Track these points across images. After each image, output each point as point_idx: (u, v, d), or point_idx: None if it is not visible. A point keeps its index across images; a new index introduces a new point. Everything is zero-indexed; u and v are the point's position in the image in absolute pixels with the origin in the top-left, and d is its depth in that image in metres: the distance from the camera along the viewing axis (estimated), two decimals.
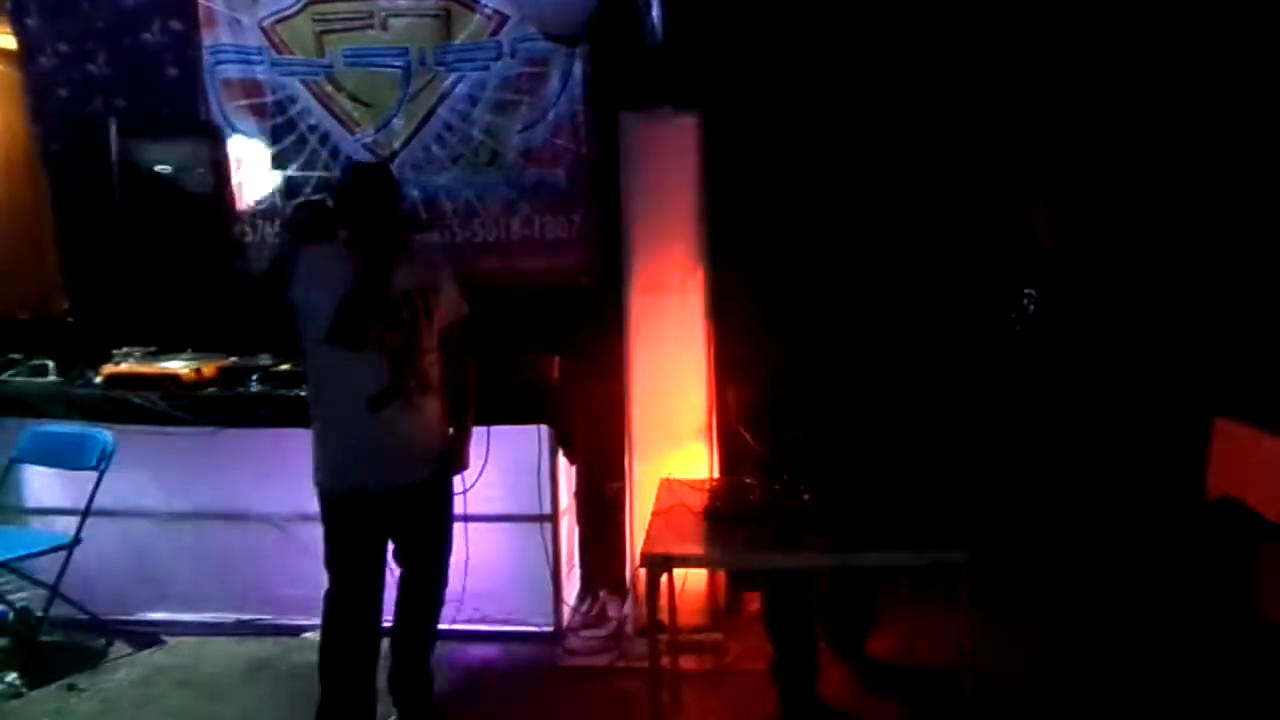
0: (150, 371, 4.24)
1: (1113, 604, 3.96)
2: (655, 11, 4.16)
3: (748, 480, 3.30)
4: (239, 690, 3.81)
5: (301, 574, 3.75)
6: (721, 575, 4.22)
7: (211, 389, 4.22)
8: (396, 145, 4.78)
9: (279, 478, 4.03)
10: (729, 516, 3.12)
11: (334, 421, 3.14)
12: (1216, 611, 3.82)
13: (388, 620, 3.34)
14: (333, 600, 3.17)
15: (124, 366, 4.28)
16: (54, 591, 3.97)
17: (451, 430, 3.35)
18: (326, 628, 3.20)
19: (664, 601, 3.37)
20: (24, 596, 4.13)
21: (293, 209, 4.77)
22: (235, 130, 4.88)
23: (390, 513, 3.17)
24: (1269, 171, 4.09)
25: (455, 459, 3.34)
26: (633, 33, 4.25)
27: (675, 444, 4.13)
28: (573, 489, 4.47)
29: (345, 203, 3.15)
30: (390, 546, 3.28)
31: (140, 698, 3.77)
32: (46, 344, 4.59)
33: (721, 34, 4.32)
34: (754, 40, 4.34)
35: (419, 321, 3.15)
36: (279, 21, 4.79)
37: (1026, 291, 4.12)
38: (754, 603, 4.20)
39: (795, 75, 4.32)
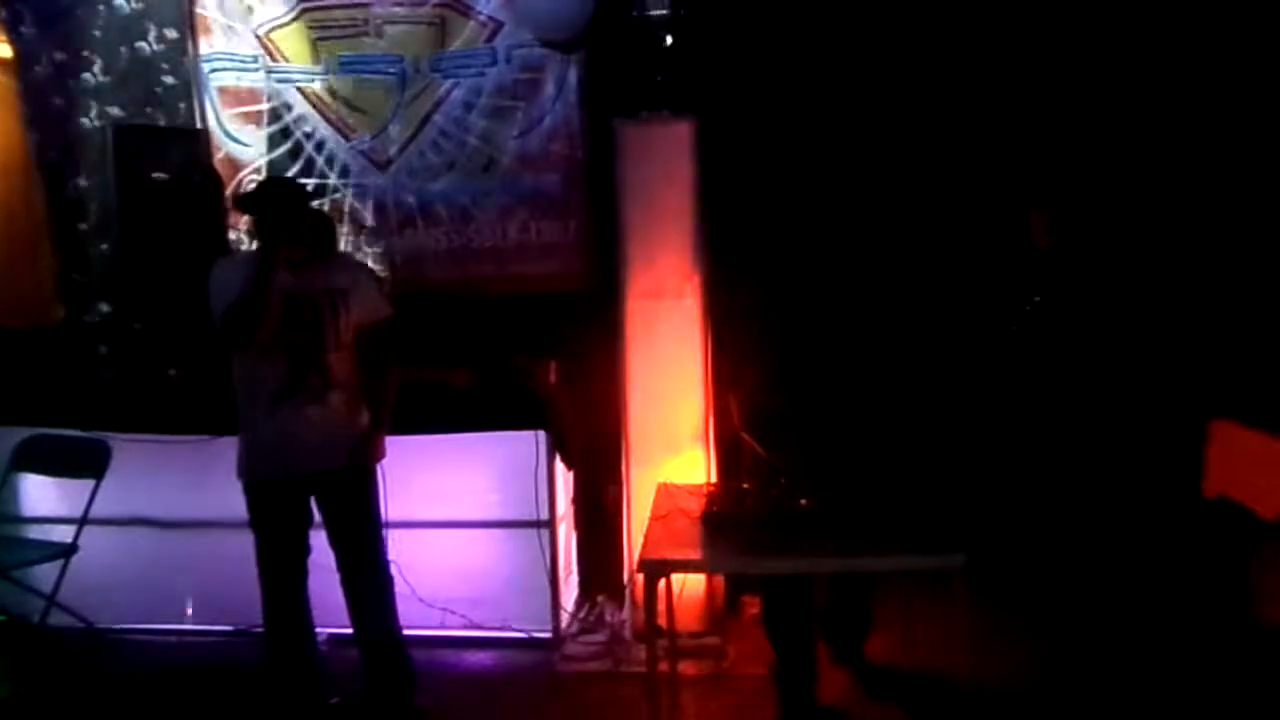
0: (150, 378, 4.24)
1: (1111, 605, 3.96)
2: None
3: (745, 485, 3.30)
4: (237, 698, 3.80)
5: None
6: (720, 579, 4.22)
7: (209, 396, 4.21)
8: (392, 152, 4.79)
9: None
10: (726, 521, 3.12)
11: (245, 415, 3.34)
12: (1214, 612, 3.82)
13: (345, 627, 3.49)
14: (259, 569, 3.38)
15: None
16: (51, 600, 3.96)
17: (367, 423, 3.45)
18: (264, 612, 3.41)
19: (662, 606, 3.36)
20: (21, 605, 4.12)
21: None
22: (231, 138, 4.88)
23: (305, 498, 3.39)
24: (1265, 173, 4.10)
25: (365, 449, 3.42)
26: (629, 38, 4.25)
27: (672, 449, 4.13)
28: (570, 494, 4.46)
29: (249, 214, 3.46)
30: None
31: (138, 706, 3.76)
32: (43, 351, 4.58)
33: (717, 40, 4.32)
34: (749, 45, 4.34)
35: (324, 321, 3.30)
36: (274, 29, 4.80)
37: (1031, 297, 4.13)
38: (753, 607, 4.20)
39: (791, 80, 4.33)
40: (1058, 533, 4.05)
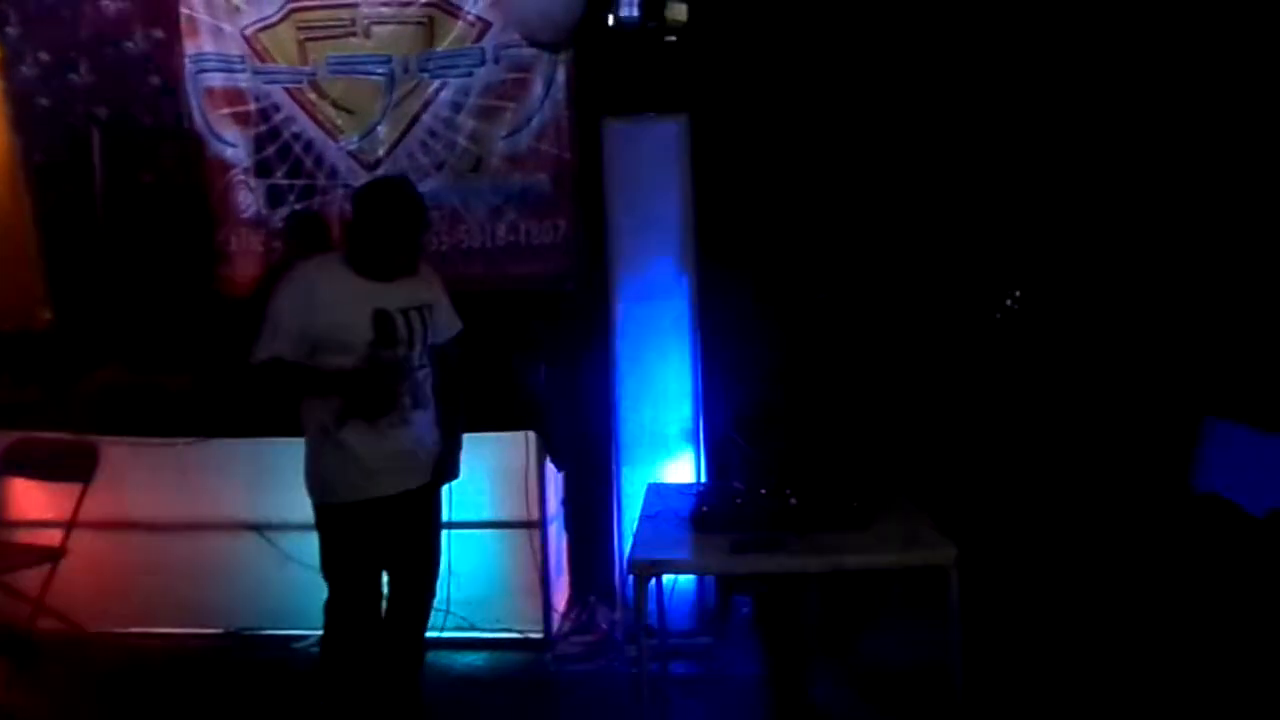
0: (137, 381, 4.22)
1: (1102, 601, 3.97)
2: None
3: (735, 485, 3.29)
4: (230, 701, 3.79)
5: (290, 583, 3.74)
6: (710, 580, 4.21)
7: (198, 399, 4.20)
8: (381, 152, 4.78)
9: (266, 487, 4.02)
10: (716, 521, 3.11)
11: (328, 435, 3.09)
12: (1205, 607, 3.82)
13: None
14: (334, 607, 3.16)
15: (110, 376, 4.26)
16: (39, 605, 3.95)
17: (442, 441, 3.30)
18: (330, 635, 3.19)
19: (653, 606, 3.36)
20: (8, 610, 4.10)
21: (287, 219, 4.76)
22: (218, 139, 4.87)
23: (384, 518, 3.15)
24: (1257, 171, 4.11)
25: (446, 468, 3.30)
26: (617, 38, 4.25)
27: (662, 449, 4.13)
28: (560, 495, 4.46)
29: (368, 219, 3.07)
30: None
31: (126, 710, 3.75)
32: (30, 355, 4.56)
33: (706, 38, 4.32)
34: (738, 44, 4.34)
35: (414, 339, 3.12)
36: (261, 29, 4.78)
37: (1013, 291, 4.13)
38: (744, 606, 4.20)
39: (780, 77, 4.32)
40: (1050, 529, 4.05)
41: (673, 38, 4.14)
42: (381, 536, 3.17)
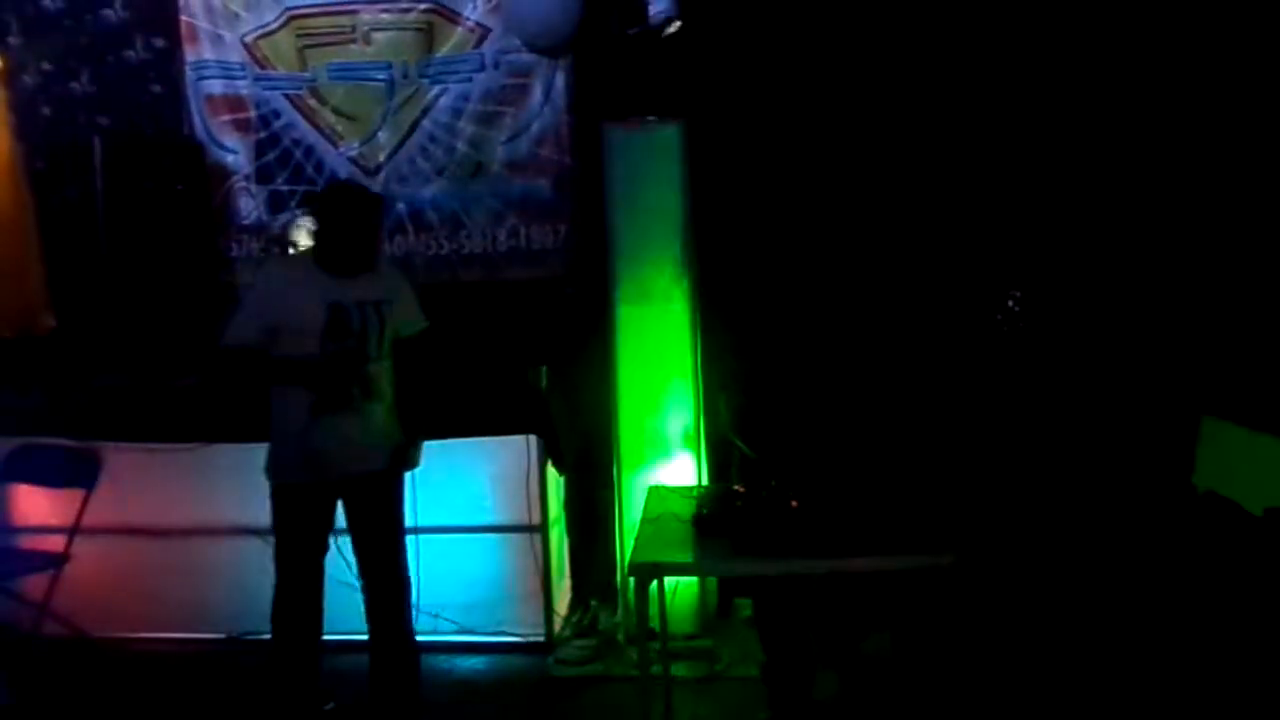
0: (139, 387, 4.24)
1: (1101, 600, 3.97)
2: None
3: (736, 487, 3.30)
4: (233, 706, 3.80)
5: None
6: (712, 582, 4.22)
7: (201, 404, 4.21)
8: (381, 158, 4.79)
9: (268, 492, 4.02)
10: (717, 523, 3.13)
11: (282, 421, 3.28)
12: (1205, 608, 3.83)
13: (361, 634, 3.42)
14: (278, 586, 3.31)
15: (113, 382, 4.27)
16: (42, 610, 3.96)
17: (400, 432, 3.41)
18: (274, 611, 3.33)
19: (655, 609, 3.37)
20: (12, 614, 4.11)
21: (281, 226, 4.78)
22: (219, 145, 4.88)
23: (334, 501, 3.32)
24: (1255, 171, 4.11)
25: (403, 457, 3.40)
26: (617, 43, 4.26)
27: (663, 452, 4.14)
28: (562, 498, 4.47)
29: (323, 220, 3.33)
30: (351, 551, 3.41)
31: (131, 715, 3.76)
32: (33, 361, 4.58)
33: (705, 44, 4.33)
34: (738, 49, 4.35)
35: (368, 332, 3.27)
36: (261, 37, 4.80)
37: (1012, 293, 4.14)
38: (745, 608, 4.21)
39: (779, 83, 4.34)
40: (1049, 531, 4.06)
41: (678, 24, 4.13)
42: (325, 518, 3.32)
